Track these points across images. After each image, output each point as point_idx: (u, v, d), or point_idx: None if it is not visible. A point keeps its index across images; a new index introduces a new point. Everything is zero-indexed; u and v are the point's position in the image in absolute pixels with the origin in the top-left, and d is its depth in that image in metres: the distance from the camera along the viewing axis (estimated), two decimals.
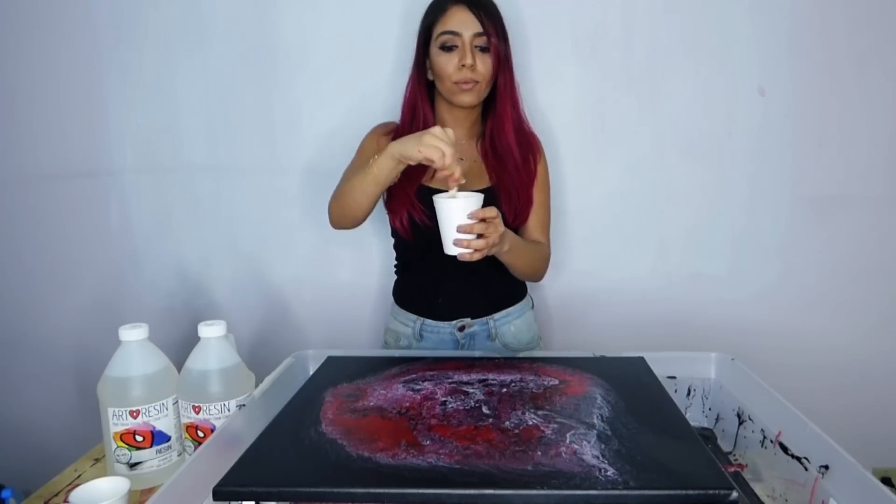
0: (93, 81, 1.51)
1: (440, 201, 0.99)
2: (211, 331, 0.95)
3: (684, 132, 1.49)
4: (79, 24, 1.49)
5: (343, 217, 1.17)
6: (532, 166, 1.27)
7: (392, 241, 1.33)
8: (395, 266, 1.36)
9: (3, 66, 1.51)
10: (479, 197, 0.99)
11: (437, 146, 0.96)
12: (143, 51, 1.50)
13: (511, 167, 1.23)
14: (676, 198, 1.53)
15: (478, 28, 1.14)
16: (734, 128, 1.49)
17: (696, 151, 1.50)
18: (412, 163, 1.01)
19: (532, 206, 1.27)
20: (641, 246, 1.55)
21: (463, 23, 1.15)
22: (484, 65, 1.16)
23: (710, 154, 1.50)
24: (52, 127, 1.54)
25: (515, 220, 1.24)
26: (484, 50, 1.16)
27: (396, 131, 1.26)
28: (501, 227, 1.01)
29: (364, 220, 1.17)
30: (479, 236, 0.98)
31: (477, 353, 1.21)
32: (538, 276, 1.28)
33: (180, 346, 1.08)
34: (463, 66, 1.14)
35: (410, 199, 1.19)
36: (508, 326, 1.30)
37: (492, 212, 0.98)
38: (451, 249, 1.00)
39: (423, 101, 1.24)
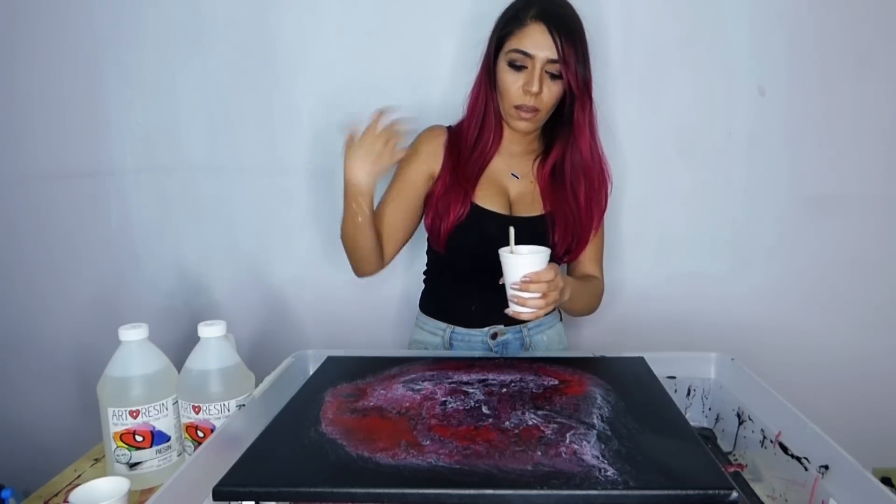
0: (93, 81, 1.51)
1: (504, 256, 0.97)
2: (211, 331, 0.95)
3: (683, 132, 1.49)
4: (79, 24, 1.49)
5: (353, 257, 1.19)
6: (602, 200, 1.21)
7: (426, 246, 1.29)
8: (426, 273, 1.32)
9: (3, 66, 1.51)
10: (545, 254, 0.96)
11: None
12: (143, 51, 1.50)
13: (572, 198, 1.17)
14: (676, 198, 1.53)
15: (552, 54, 1.06)
16: (733, 128, 1.49)
17: (696, 151, 1.50)
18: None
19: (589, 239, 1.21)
20: (641, 246, 1.55)
21: (538, 45, 1.06)
22: (550, 93, 1.09)
23: (710, 154, 1.50)
24: (52, 127, 1.53)
25: (567, 254, 1.19)
26: (555, 76, 1.09)
27: (454, 133, 1.20)
28: (561, 284, 0.98)
29: (378, 260, 1.18)
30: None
31: (477, 354, 1.21)
32: (592, 312, 1.26)
33: (180, 346, 1.08)
34: (527, 91, 1.08)
35: (462, 211, 1.14)
36: (542, 336, 1.27)
37: (549, 275, 0.94)
38: (511, 305, 0.99)
39: (488, 111, 1.16)
